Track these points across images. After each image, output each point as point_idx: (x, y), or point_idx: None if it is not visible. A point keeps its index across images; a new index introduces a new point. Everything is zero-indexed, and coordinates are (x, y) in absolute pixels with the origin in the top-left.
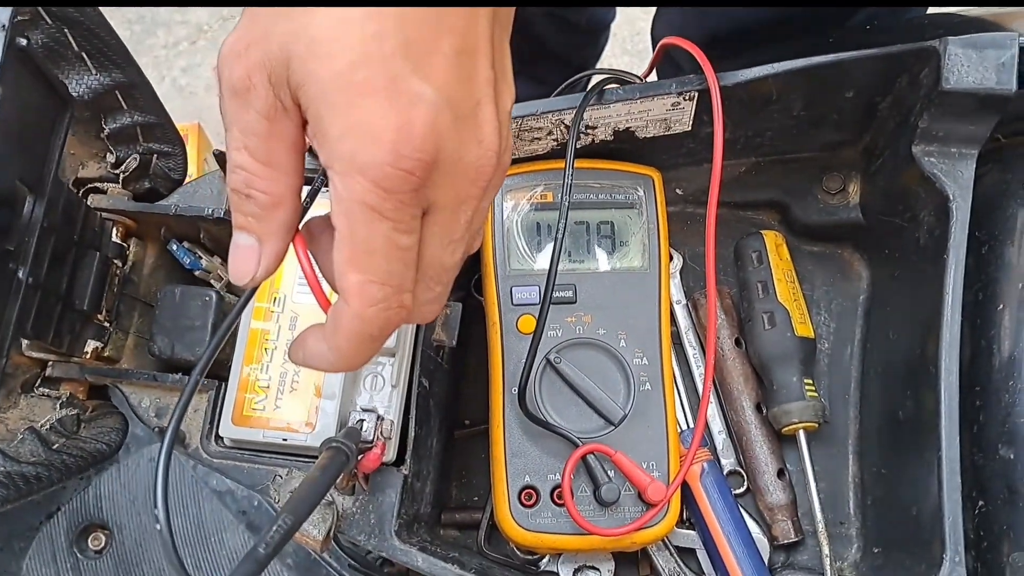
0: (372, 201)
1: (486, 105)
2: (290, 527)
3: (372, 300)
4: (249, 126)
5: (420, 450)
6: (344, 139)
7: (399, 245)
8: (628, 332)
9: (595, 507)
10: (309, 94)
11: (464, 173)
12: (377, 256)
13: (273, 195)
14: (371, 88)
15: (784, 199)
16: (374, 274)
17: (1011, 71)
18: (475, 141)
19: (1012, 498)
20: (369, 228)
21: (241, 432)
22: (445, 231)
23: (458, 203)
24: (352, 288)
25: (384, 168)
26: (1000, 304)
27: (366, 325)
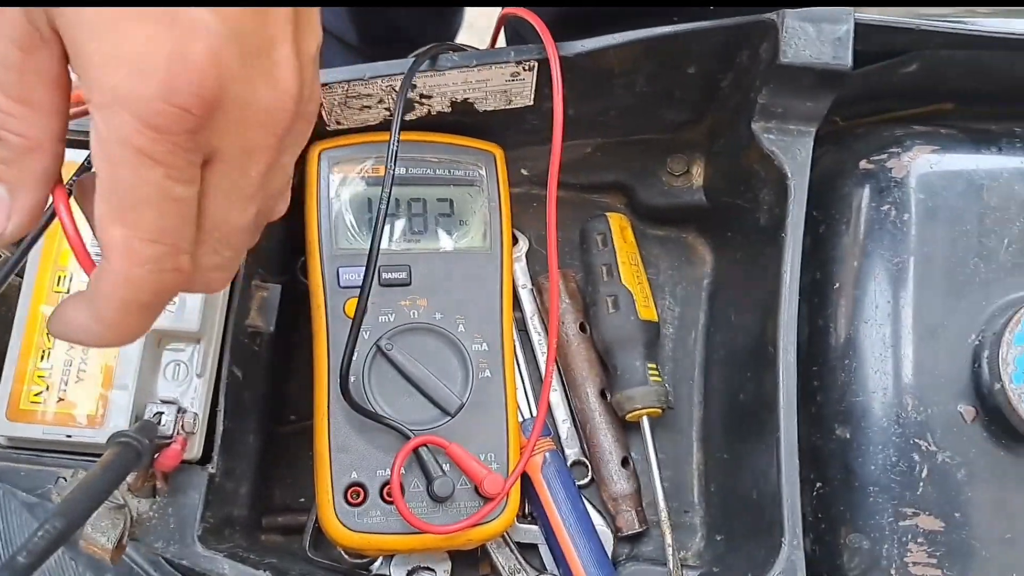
0: (140, 142)
1: (282, 44)
2: (59, 532)
3: (140, 259)
4: (3, 59)
5: (232, 447)
6: (106, 68)
7: (173, 195)
8: (467, 317)
9: (428, 503)
10: (68, 16)
11: (254, 118)
12: (146, 208)
13: (28, 138)
14: (137, 12)
15: (629, 181)
16: (142, 229)
17: (846, 46)
18: (268, 83)
19: (848, 479)
20: (136, 174)
21: (17, 428)
22: (232, 185)
23: (247, 152)
24: (116, 244)
25: (154, 103)
26: (836, 283)
27: (134, 289)
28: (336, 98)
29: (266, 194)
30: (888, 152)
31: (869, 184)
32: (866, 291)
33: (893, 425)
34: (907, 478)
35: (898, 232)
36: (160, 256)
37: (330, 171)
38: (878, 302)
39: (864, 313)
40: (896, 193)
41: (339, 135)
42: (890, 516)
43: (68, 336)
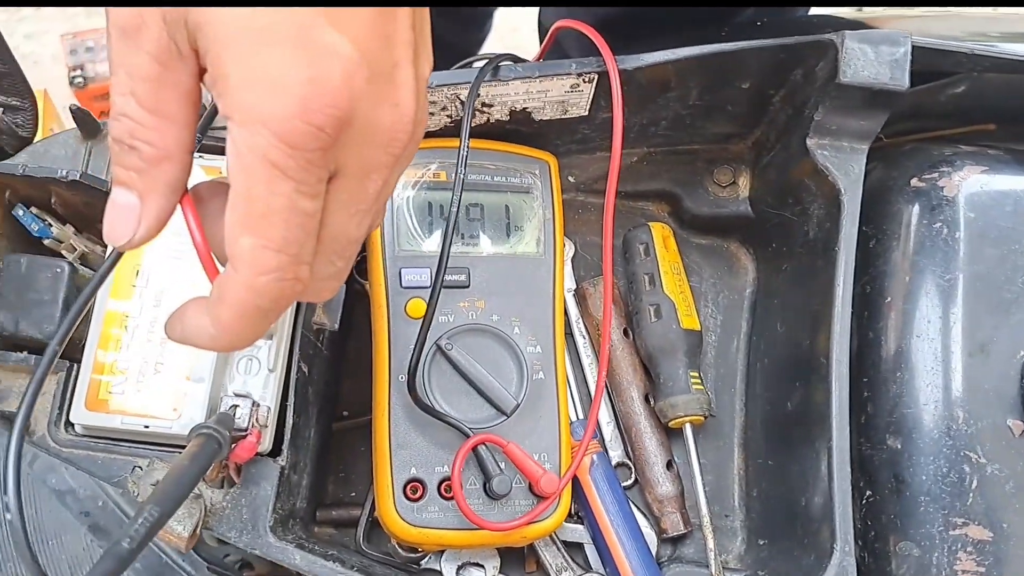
0: (275, 157)
1: (405, 67)
2: (157, 519)
3: (265, 268)
4: (138, 70)
5: (298, 440)
6: (247, 88)
7: (301, 209)
8: (522, 319)
9: (484, 500)
10: (209, 37)
11: (377, 138)
12: (275, 219)
13: (160, 148)
14: (278, 35)
15: (675, 190)
16: (270, 239)
17: (904, 68)
18: (391, 104)
19: (899, 488)
20: (269, 187)
21: (96, 418)
22: (352, 199)
23: (368, 170)
24: (244, 253)
25: (292, 121)
26: (887, 297)
27: (256, 297)
28: None
29: (378, 207)
30: (939, 171)
31: (920, 201)
32: (917, 306)
33: (944, 437)
34: (957, 488)
35: (949, 249)
36: (283, 266)
37: None
38: (929, 317)
39: (915, 327)
40: (947, 211)
41: None
42: (940, 525)
43: (185, 338)
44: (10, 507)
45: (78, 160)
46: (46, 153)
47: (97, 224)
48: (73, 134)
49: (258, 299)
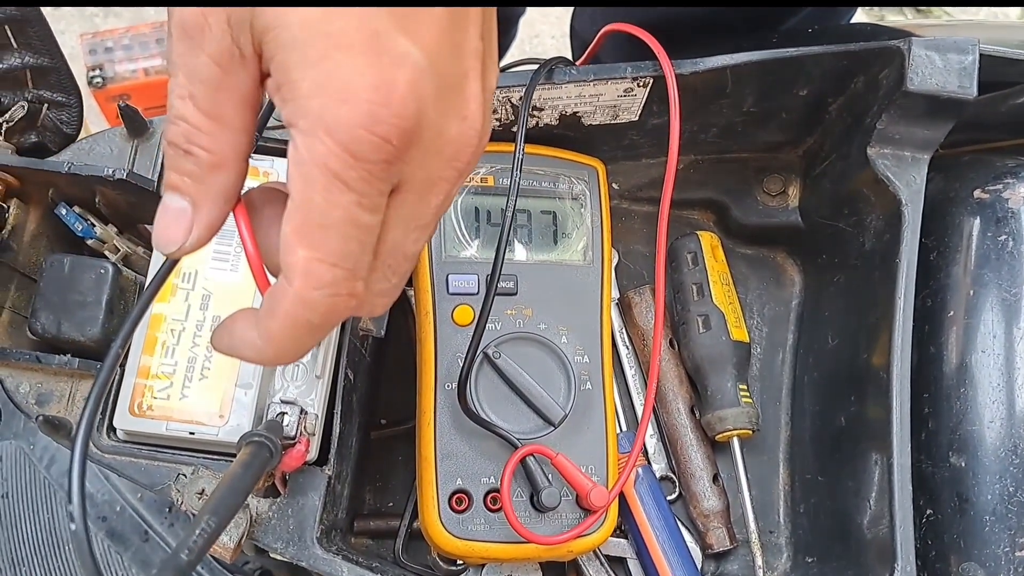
0: (337, 167)
1: (473, 79)
2: (214, 529)
3: (319, 282)
4: (197, 72)
5: (342, 449)
6: (313, 95)
7: (359, 222)
8: (570, 328)
9: (531, 513)
10: (276, 41)
11: (443, 151)
12: (333, 232)
13: (216, 153)
14: (348, 41)
15: (723, 199)
16: (326, 252)
17: (972, 76)
18: (459, 116)
19: (962, 507)
20: (328, 198)
21: (140, 423)
22: (412, 214)
23: (431, 184)
24: (298, 265)
25: (356, 131)
26: (950, 311)
27: (309, 311)
28: None
29: (435, 223)
30: (1003, 182)
31: (983, 214)
32: (980, 320)
33: (1010, 455)
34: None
35: (1015, 263)
36: (338, 280)
37: None
38: (994, 332)
39: (978, 342)
40: (1012, 224)
41: None
42: (1006, 546)
43: (232, 350)
44: (75, 517)
45: (124, 159)
46: (91, 151)
47: (140, 225)
48: (119, 132)
49: (310, 313)
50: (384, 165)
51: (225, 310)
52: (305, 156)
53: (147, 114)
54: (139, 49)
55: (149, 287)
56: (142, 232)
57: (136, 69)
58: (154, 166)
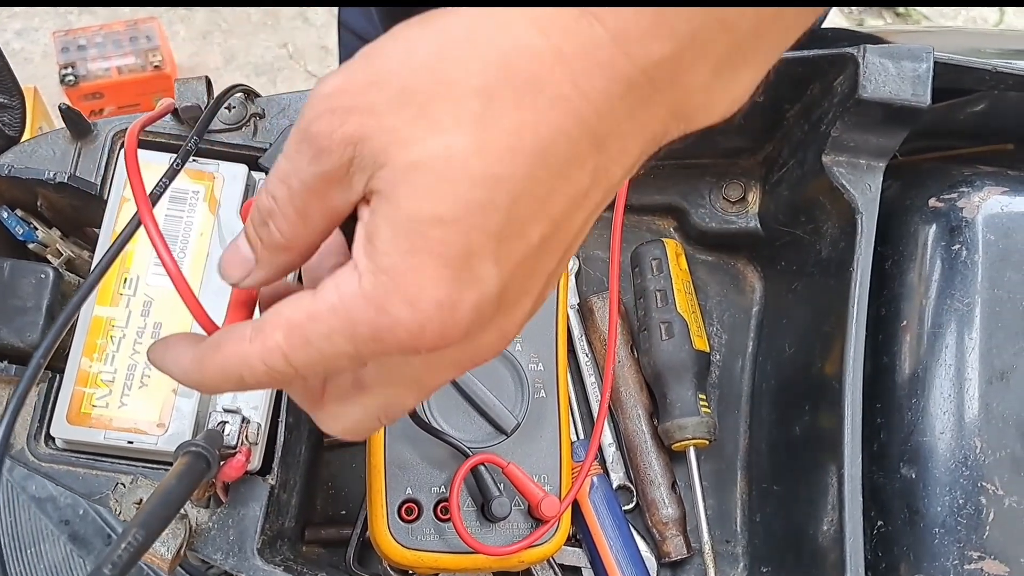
0: (359, 335)
1: (531, 296)
2: (141, 544)
3: (273, 367)
4: (303, 177)
5: (288, 458)
6: (390, 275)
7: (339, 369)
8: (524, 336)
9: (481, 523)
10: (381, 205)
11: (464, 351)
12: (315, 354)
13: (288, 240)
14: (441, 251)
15: (683, 205)
16: (296, 357)
17: (926, 84)
18: (499, 330)
19: (913, 519)
20: (332, 339)
21: (78, 432)
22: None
23: (433, 374)
24: (267, 342)
25: (399, 329)
26: (903, 321)
27: (248, 373)
28: None
29: (417, 399)
30: (958, 191)
31: (938, 223)
32: (934, 330)
33: (960, 467)
34: (973, 521)
35: (968, 272)
36: (290, 379)
37: None
38: (946, 342)
39: (932, 352)
40: (967, 233)
41: None
42: (955, 559)
43: (164, 367)
44: None
45: (67, 161)
46: (34, 153)
47: (87, 228)
48: (62, 134)
49: (248, 375)
50: (399, 353)
51: (167, 317)
52: (347, 299)
53: (120, 112)
54: (112, 47)
55: (79, 292)
56: (88, 235)
57: (109, 67)
58: (97, 169)
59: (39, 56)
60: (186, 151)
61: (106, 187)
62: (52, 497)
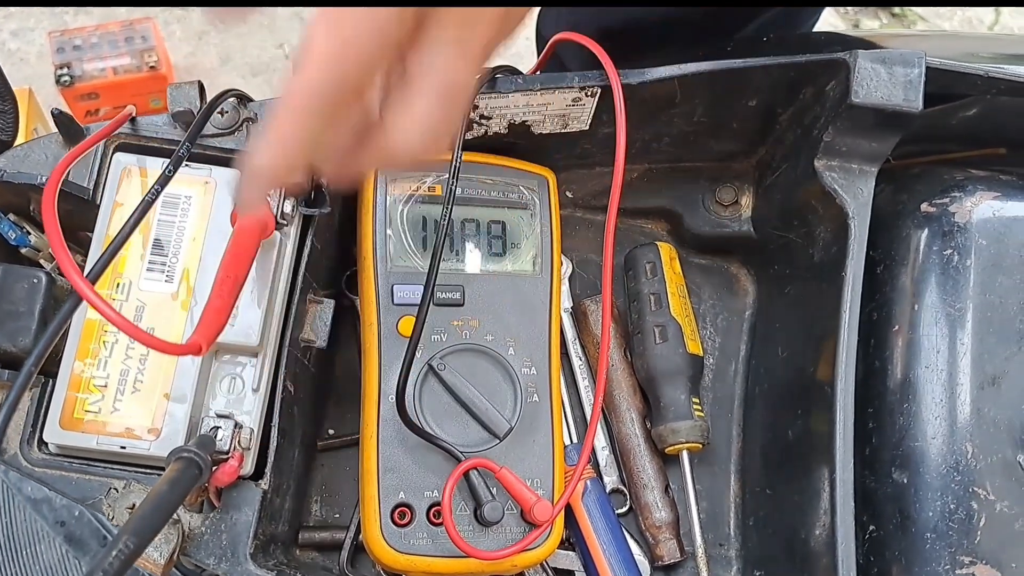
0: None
1: None
2: (132, 551)
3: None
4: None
5: (281, 463)
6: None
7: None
8: (517, 340)
9: (474, 527)
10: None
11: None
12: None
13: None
14: None
15: (675, 208)
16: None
17: (917, 89)
18: None
19: (904, 524)
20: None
21: (70, 437)
22: None
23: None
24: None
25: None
26: (895, 325)
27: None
28: None
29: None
30: (950, 196)
31: (930, 227)
32: (926, 335)
33: (952, 472)
34: (965, 526)
35: (960, 277)
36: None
37: (387, 187)
38: (938, 347)
39: (923, 357)
40: (959, 238)
41: None
42: (947, 564)
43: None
44: None
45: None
46: (26, 158)
47: (80, 232)
48: (55, 138)
49: (317, 90)
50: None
51: (159, 321)
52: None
53: (116, 113)
54: (108, 48)
55: (70, 300)
56: (81, 240)
57: (104, 68)
58: (90, 174)
59: (35, 56)
60: (178, 157)
61: (99, 192)
62: (48, 498)
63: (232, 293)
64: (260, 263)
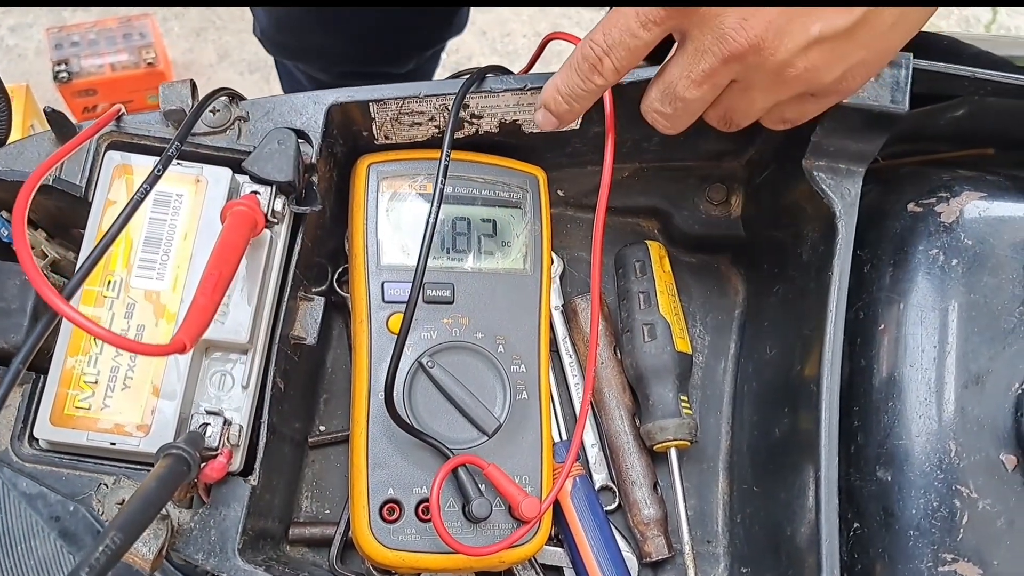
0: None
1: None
2: (119, 547)
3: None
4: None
5: (271, 459)
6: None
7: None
8: (507, 337)
9: (463, 523)
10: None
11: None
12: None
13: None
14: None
15: (665, 207)
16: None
17: (904, 91)
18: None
19: (888, 521)
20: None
21: (61, 433)
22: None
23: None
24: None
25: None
26: (881, 324)
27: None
28: (389, 114)
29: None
30: (937, 196)
31: (917, 227)
32: (911, 334)
33: (935, 470)
34: (948, 524)
35: (946, 277)
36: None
37: (379, 185)
38: (923, 346)
39: (908, 356)
40: (945, 238)
41: (386, 150)
42: (929, 561)
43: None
44: None
45: None
46: (20, 155)
47: (74, 229)
48: (48, 136)
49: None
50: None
51: (150, 319)
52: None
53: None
54: (105, 44)
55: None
56: (75, 237)
57: (103, 64)
58: (83, 172)
59: (33, 53)
60: (167, 157)
61: (91, 189)
62: (43, 494)
63: (218, 291)
64: (250, 261)
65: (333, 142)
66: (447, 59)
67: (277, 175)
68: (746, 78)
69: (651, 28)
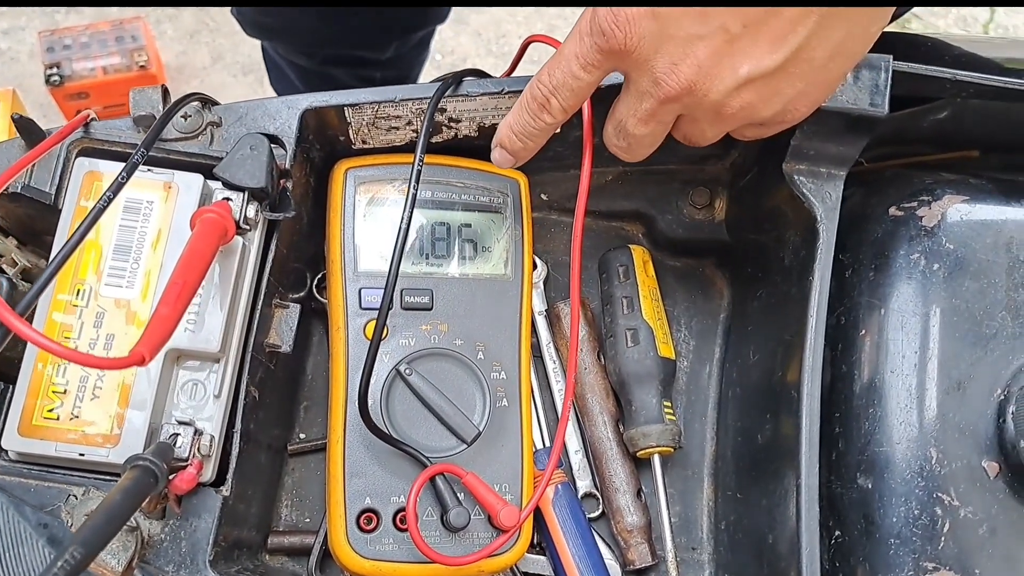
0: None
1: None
2: (80, 561)
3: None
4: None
5: (245, 468)
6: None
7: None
8: (487, 344)
9: (441, 532)
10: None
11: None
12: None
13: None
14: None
15: (649, 211)
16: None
17: (884, 94)
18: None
19: (869, 529)
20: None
21: (30, 444)
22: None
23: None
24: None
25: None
26: (862, 330)
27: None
28: (365, 118)
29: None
30: (918, 200)
31: (899, 231)
32: (893, 339)
33: (916, 477)
34: (929, 532)
35: (927, 282)
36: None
37: (356, 190)
38: (904, 351)
39: (889, 362)
40: (926, 242)
41: (364, 154)
42: (910, 570)
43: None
44: None
45: (21, 171)
46: None
47: (47, 236)
48: (17, 143)
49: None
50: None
51: (120, 328)
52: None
53: (106, 113)
54: (98, 47)
55: (25, 299)
56: (48, 244)
57: (94, 67)
58: (52, 179)
59: (25, 56)
60: (132, 163)
61: (61, 196)
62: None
63: (182, 300)
64: (222, 268)
65: (309, 147)
66: (442, 61)
67: (249, 181)
68: (690, 113)
69: (591, 71)
